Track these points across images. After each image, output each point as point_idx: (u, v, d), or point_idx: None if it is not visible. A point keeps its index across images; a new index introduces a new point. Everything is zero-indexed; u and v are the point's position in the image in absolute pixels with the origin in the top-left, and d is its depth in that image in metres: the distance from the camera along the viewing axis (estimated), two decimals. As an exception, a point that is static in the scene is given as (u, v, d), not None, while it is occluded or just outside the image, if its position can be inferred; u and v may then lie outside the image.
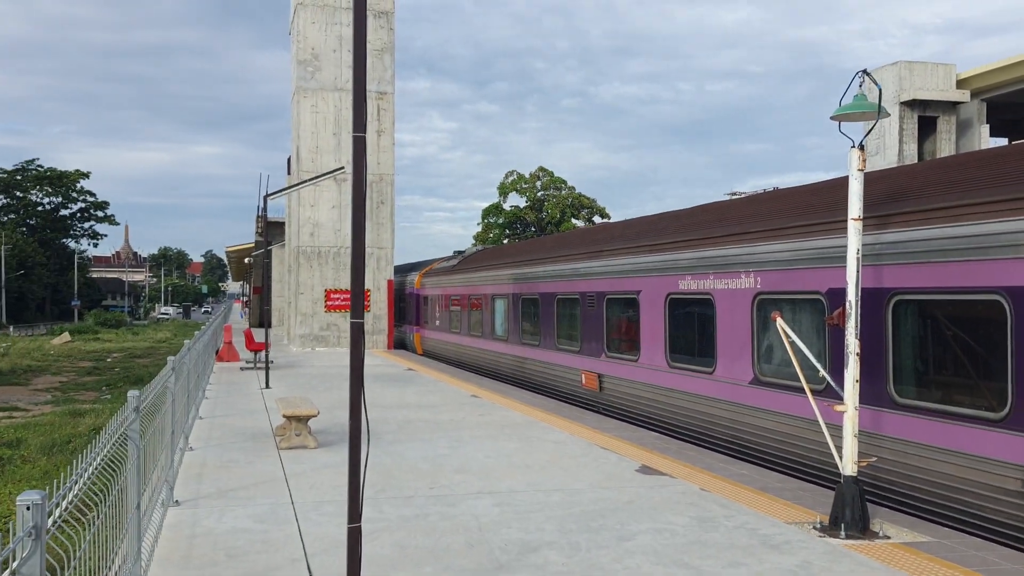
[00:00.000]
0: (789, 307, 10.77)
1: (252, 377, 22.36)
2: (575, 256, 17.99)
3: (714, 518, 8.26)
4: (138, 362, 42.55)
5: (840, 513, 7.79)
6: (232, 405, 16.73)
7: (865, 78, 8.07)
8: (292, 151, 36.44)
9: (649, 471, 10.45)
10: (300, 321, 32.81)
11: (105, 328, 77.24)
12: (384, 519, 8.22)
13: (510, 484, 9.74)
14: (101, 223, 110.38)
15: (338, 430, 13.45)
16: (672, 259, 13.65)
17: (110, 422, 5.52)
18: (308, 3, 32.54)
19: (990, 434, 7.81)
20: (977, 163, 9.03)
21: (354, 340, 5.52)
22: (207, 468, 10.66)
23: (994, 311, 7.84)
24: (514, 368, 21.97)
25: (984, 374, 7.97)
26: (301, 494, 9.28)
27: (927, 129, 40.41)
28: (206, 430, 13.59)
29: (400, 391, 19.10)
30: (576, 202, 75.46)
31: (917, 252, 8.67)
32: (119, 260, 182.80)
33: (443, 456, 11.42)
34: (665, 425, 13.90)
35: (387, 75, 33.42)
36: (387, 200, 33.66)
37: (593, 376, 16.62)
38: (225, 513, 8.46)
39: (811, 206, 10.96)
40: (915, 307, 8.77)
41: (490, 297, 24.13)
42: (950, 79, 39.84)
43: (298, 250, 32.91)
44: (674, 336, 13.65)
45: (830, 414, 8.69)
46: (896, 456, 8.90)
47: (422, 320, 33.73)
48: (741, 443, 11.78)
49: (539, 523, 8.08)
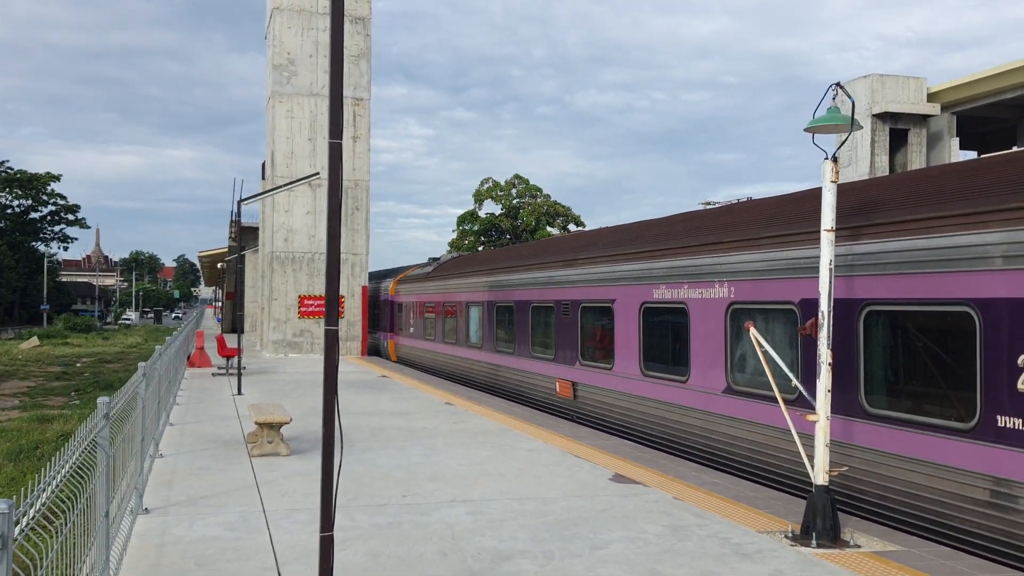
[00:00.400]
0: (762, 317, 10.85)
1: (224, 383, 22.18)
2: (550, 264, 18.01)
3: (687, 527, 8.29)
4: (108, 367, 42.08)
5: (811, 522, 7.84)
6: (204, 411, 16.58)
7: (838, 90, 8.16)
8: (267, 156, 36.25)
9: (623, 480, 10.46)
10: (273, 327, 32.60)
11: (75, 333, 76.31)
12: (357, 527, 8.17)
13: (484, 492, 9.72)
14: (72, 226, 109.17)
15: (311, 437, 13.37)
16: (647, 268, 13.71)
17: (79, 429, 5.45)
18: (284, 8, 32.42)
19: (959, 444, 7.89)
20: (947, 176, 9.14)
21: (328, 346, 5.49)
22: (177, 475, 10.55)
23: (963, 322, 7.93)
24: (488, 376, 21.95)
25: (953, 384, 8.06)
26: (273, 502, 9.20)
27: (898, 141, 40.91)
28: (177, 437, 13.45)
29: (374, 398, 19.01)
30: (551, 210, 75.60)
31: (888, 263, 8.76)
32: (90, 264, 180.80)
33: (417, 464, 11.37)
34: (639, 434, 13.93)
35: (363, 81, 33.36)
36: (362, 206, 33.57)
37: (567, 384, 16.64)
38: (195, 521, 8.38)
39: (785, 217, 11.05)
40: (886, 318, 8.86)
41: (465, 304, 24.11)
42: (921, 92, 40.38)
43: (272, 255, 32.72)
44: (648, 345, 13.69)
45: (802, 423, 8.75)
46: (867, 465, 8.97)
47: (396, 327, 33.63)
48: (714, 452, 11.83)
49: (512, 531, 8.07)
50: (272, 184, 32.06)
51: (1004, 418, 7.44)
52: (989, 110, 40.05)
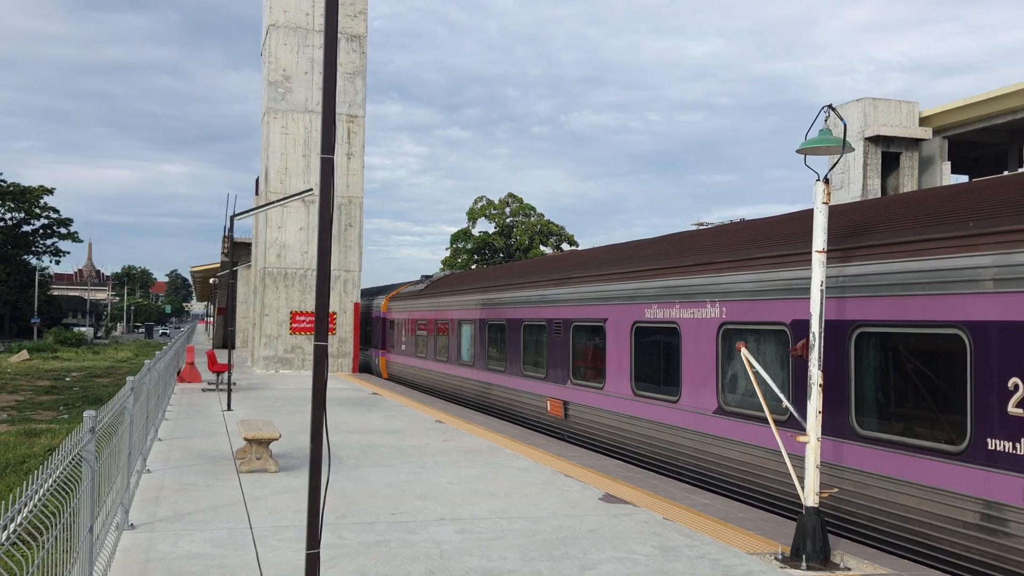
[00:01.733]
0: (754, 337, 10.84)
1: (214, 399, 22.07)
2: (542, 283, 18.00)
3: (676, 547, 8.24)
4: (98, 381, 41.86)
5: (802, 544, 7.80)
6: (192, 427, 16.49)
7: (830, 113, 8.19)
8: (261, 172, 36.25)
9: (612, 500, 10.42)
10: (264, 343, 32.49)
11: (65, 347, 75.93)
12: (344, 545, 8.11)
13: (473, 511, 9.66)
14: (64, 240, 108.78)
15: (300, 454, 13.29)
16: (639, 288, 13.71)
17: (64, 442, 5.40)
18: (280, 24, 32.52)
19: (949, 467, 7.88)
20: (938, 199, 9.18)
21: (317, 363, 5.46)
22: (165, 491, 10.47)
23: (954, 344, 7.94)
24: (479, 394, 21.89)
25: (944, 407, 8.05)
26: (260, 519, 9.13)
27: (890, 165, 41.11)
28: (165, 452, 13.36)
29: (364, 415, 18.93)
30: (545, 229, 75.73)
31: (880, 285, 8.77)
32: (81, 278, 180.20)
33: (406, 482, 11.31)
34: (630, 453, 13.89)
35: (358, 98, 33.43)
36: (355, 223, 33.56)
37: (558, 403, 16.60)
38: (181, 537, 8.30)
39: (776, 238, 11.07)
40: (877, 339, 8.86)
41: (457, 322, 24.07)
42: (913, 116, 40.62)
43: (264, 271, 32.66)
44: (639, 364, 13.67)
45: (793, 445, 8.73)
46: (857, 487, 8.95)
47: (388, 344, 33.55)
48: (705, 472, 11.79)
49: (501, 551, 8.01)
50: (265, 200, 32.05)
51: (994, 441, 7.43)
52: (980, 135, 40.31)
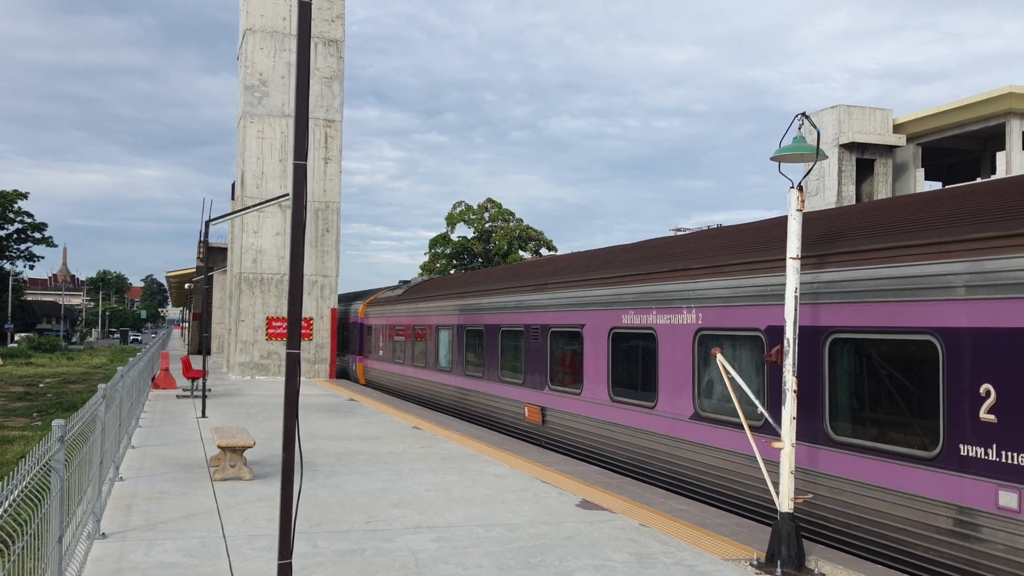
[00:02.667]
0: (729, 343, 10.88)
1: (188, 406, 21.89)
2: (520, 288, 17.99)
3: (652, 554, 8.24)
4: (72, 388, 41.41)
5: (776, 550, 7.83)
6: (166, 434, 16.33)
7: (805, 120, 8.24)
8: (237, 176, 36.05)
9: (589, 506, 10.41)
10: (240, 349, 32.28)
11: (39, 352, 75.10)
12: (319, 554, 8.05)
13: (449, 518, 9.62)
14: (38, 245, 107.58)
15: (275, 462, 13.19)
16: (616, 293, 13.73)
17: (33, 450, 5.33)
18: (257, 29, 32.38)
19: (923, 472, 7.93)
20: (912, 206, 9.25)
21: (289, 370, 5.42)
22: (137, 499, 10.36)
23: (927, 351, 7.99)
24: (457, 400, 21.84)
25: (917, 412, 8.11)
26: (234, 527, 9.05)
27: (865, 171, 41.46)
28: (138, 460, 13.23)
29: (340, 422, 18.83)
30: (523, 234, 75.78)
31: (853, 292, 8.83)
32: (56, 283, 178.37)
33: (382, 489, 11.25)
34: (607, 459, 13.89)
35: (335, 103, 33.33)
36: (332, 228, 33.43)
37: (536, 409, 16.58)
38: (153, 546, 8.21)
39: (752, 244, 11.12)
40: (851, 346, 8.91)
41: (434, 328, 24.01)
42: (887, 124, 41.00)
43: (240, 276, 32.46)
44: (617, 370, 13.68)
45: (768, 450, 8.76)
46: (832, 493, 8.99)
47: (365, 350, 33.42)
48: (681, 478, 11.81)
49: (477, 559, 7.98)
50: (242, 205, 31.85)
51: (967, 447, 7.48)
52: (954, 142, 40.73)
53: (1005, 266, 7.29)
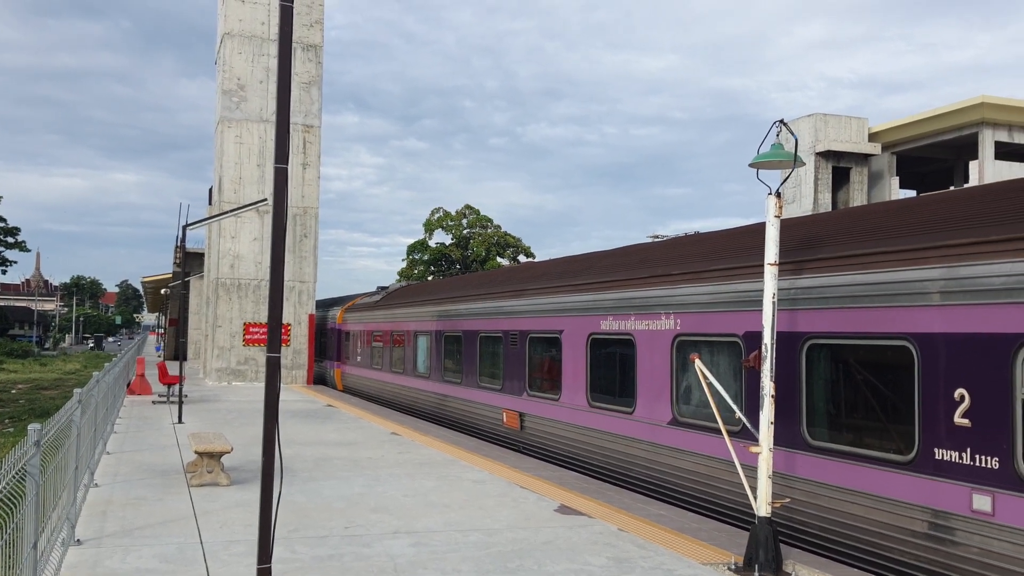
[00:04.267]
0: (707, 349, 10.94)
1: (165, 411, 21.71)
2: (499, 294, 18.00)
3: (631, 559, 8.27)
4: (44, 394, 40.96)
5: (754, 554, 7.87)
6: (142, 440, 16.19)
7: (782, 128, 8.31)
8: (214, 181, 35.85)
9: (568, 511, 10.42)
10: (217, 355, 32.07)
11: (10, 358, 74.20)
12: (297, 559, 8.01)
13: (427, 524, 9.61)
14: (11, 249, 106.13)
15: (252, 467, 13.11)
16: (594, 299, 13.77)
17: (7, 456, 5.28)
18: (235, 33, 32.24)
19: (898, 476, 8.01)
20: (887, 213, 9.35)
21: (269, 374, 5.40)
22: (113, 505, 10.26)
23: (902, 356, 8.08)
24: (436, 406, 21.80)
25: (893, 417, 8.19)
26: (211, 533, 8.99)
27: (841, 179, 41.83)
28: (113, 465, 13.11)
29: (318, 428, 18.75)
30: (502, 240, 75.77)
31: (830, 297, 8.91)
32: (28, 288, 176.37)
33: (360, 495, 11.21)
34: (585, 465, 13.91)
35: (314, 108, 33.25)
36: (310, 233, 33.31)
37: (514, 415, 16.58)
38: (129, 553, 8.14)
39: (730, 250, 11.19)
40: (828, 351, 8.99)
41: (413, 334, 23.96)
42: (863, 132, 41.40)
43: (217, 282, 32.26)
44: (595, 376, 13.72)
45: (745, 455, 8.81)
46: (809, 497, 9.05)
47: (343, 356, 33.29)
48: (660, 483, 11.85)
49: (456, 564, 7.97)
50: (219, 210, 31.66)
51: (942, 451, 7.57)
52: (928, 150, 41.18)
53: (979, 272, 7.39)
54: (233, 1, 32.19)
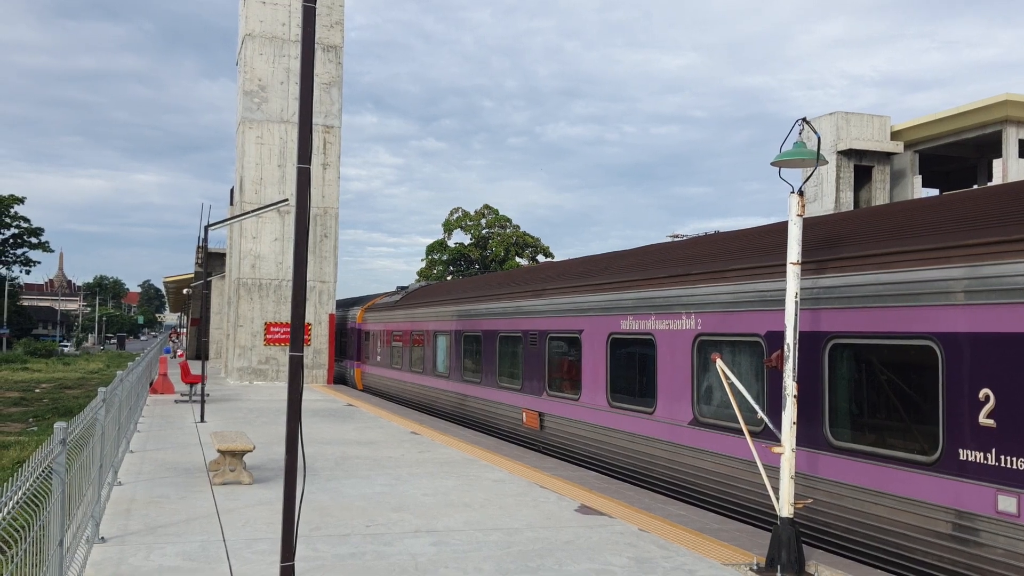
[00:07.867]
0: (729, 349, 10.89)
1: (187, 410, 21.86)
2: (518, 294, 18.01)
3: (652, 559, 8.25)
4: (68, 393, 41.34)
5: (776, 554, 7.83)
6: (165, 439, 16.32)
7: (804, 126, 8.27)
8: (235, 182, 36.07)
9: (588, 511, 10.41)
10: (239, 354, 32.26)
11: (34, 358, 74.97)
12: (319, 558, 8.05)
13: (448, 523, 9.62)
14: (35, 250, 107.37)
15: (274, 466, 13.18)
16: (614, 299, 13.74)
17: (34, 454, 5.33)
18: (256, 34, 32.42)
19: (922, 477, 7.95)
20: (910, 212, 9.28)
21: (292, 373, 5.42)
22: (136, 503, 10.35)
23: (926, 356, 8.02)
24: (455, 405, 21.83)
25: (916, 418, 8.13)
26: (234, 531, 9.04)
27: (863, 178, 41.57)
28: (137, 464, 13.21)
29: (339, 427, 18.82)
30: (520, 240, 75.81)
31: (853, 297, 8.85)
32: (52, 288, 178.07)
33: (381, 494, 11.25)
34: (605, 465, 13.89)
35: (334, 109, 33.38)
36: (330, 234, 33.45)
37: (534, 415, 16.58)
38: (153, 550, 8.20)
39: (751, 250, 11.14)
40: (851, 351, 8.93)
41: (432, 333, 24.01)
42: (885, 131, 41.12)
43: (238, 282, 32.45)
44: (615, 376, 13.69)
45: (767, 456, 8.77)
46: (832, 498, 9.00)
47: (363, 355, 33.41)
48: (680, 484, 11.82)
49: (477, 563, 7.98)
50: (240, 210, 31.87)
51: (966, 451, 7.50)
52: (950, 149, 40.87)
53: (1004, 271, 7.32)
54: (254, 2, 32.38)
